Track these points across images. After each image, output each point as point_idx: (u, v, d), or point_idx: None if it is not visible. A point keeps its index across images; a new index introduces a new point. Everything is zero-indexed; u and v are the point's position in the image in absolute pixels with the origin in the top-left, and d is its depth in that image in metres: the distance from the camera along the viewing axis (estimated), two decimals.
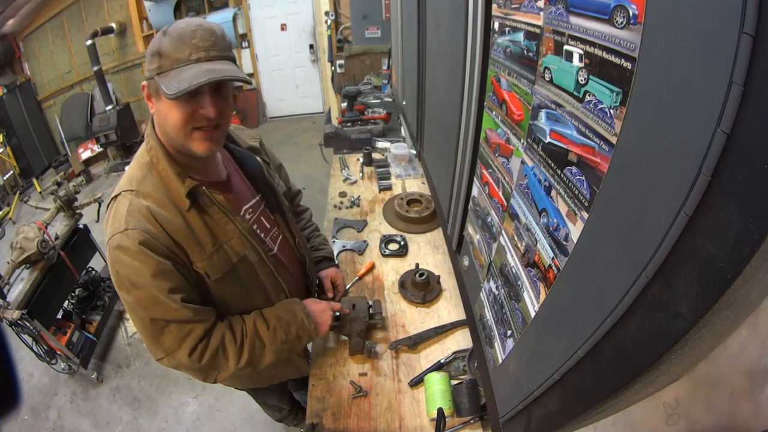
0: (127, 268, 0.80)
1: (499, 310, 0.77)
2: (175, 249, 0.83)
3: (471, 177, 0.94)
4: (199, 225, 0.87)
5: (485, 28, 0.75)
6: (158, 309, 0.82)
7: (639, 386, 0.40)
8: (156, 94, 0.80)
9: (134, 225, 0.79)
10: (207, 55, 0.77)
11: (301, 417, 1.55)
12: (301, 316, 1.01)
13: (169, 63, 0.76)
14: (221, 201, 0.90)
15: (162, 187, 0.85)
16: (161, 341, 0.85)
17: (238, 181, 1.04)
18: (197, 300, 0.88)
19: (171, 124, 0.81)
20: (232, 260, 0.91)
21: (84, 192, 4.53)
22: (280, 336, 0.96)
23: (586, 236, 0.47)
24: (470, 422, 0.98)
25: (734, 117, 0.27)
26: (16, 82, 5.49)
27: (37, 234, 2.17)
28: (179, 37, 0.77)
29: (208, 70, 0.76)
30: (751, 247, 0.27)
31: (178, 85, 0.74)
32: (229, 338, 0.90)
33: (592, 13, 0.41)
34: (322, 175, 3.99)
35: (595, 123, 0.42)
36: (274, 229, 1.09)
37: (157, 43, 0.78)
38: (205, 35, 0.78)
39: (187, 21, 0.80)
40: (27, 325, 2.09)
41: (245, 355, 0.92)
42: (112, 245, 0.81)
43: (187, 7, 5.44)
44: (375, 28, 3.56)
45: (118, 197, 0.85)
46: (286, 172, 1.32)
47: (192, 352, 0.86)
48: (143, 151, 0.89)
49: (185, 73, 0.75)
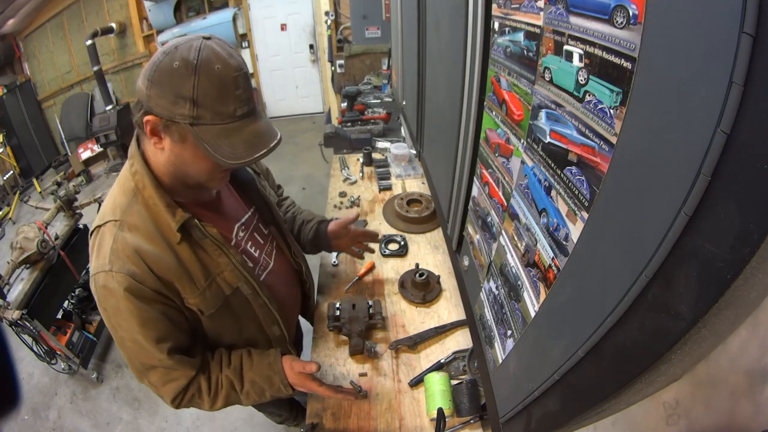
0: (113, 309, 0.77)
1: (499, 310, 0.77)
2: (164, 290, 0.78)
3: (471, 177, 0.94)
4: (191, 259, 0.81)
5: (485, 28, 0.75)
6: (144, 354, 0.81)
7: (639, 386, 0.40)
8: (179, 139, 0.72)
9: (119, 267, 0.74)
10: (248, 108, 0.72)
11: (301, 417, 1.55)
12: (277, 385, 0.94)
13: (209, 116, 0.68)
14: (215, 234, 0.84)
15: (149, 217, 0.78)
16: (147, 376, 0.85)
17: (228, 196, 0.99)
18: (185, 345, 0.86)
19: (197, 172, 0.77)
20: (225, 293, 0.87)
21: (84, 192, 4.54)
22: (252, 398, 0.94)
23: (586, 236, 0.47)
24: (470, 422, 0.98)
25: (734, 117, 0.27)
26: (16, 82, 5.50)
27: (37, 234, 2.17)
28: (221, 86, 0.67)
29: (258, 133, 0.73)
30: (751, 247, 0.27)
31: (235, 154, 0.70)
32: (205, 388, 0.89)
33: (592, 13, 0.41)
34: (322, 175, 4.00)
35: (595, 123, 0.42)
36: (268, 244, 1.05)
37: (186, 84, 0.66)
38: (246, 83, 0.71)
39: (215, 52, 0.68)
40: (27, 325, 2.09)
41: (219, 404, 0.92)
42: (97, 282, 0.76)
43: (187, 7, 5.43)
44: (375, 28, 3.56)
45: (102, 228, 0.78)
46: (272, 176, 1.29)
47: (174, 399, 0.87)
48: (127, 174, 0.81)
49: (236, 136, 0.70)
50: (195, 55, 0.66)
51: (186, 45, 0.68)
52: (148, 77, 0.68)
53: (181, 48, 0.68)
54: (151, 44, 5.44)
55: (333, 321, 1.21)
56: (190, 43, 0.69)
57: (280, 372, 0.94)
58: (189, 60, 0.66)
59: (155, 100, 0.69)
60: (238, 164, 0.71)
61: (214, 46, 0.69)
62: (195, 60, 0.66)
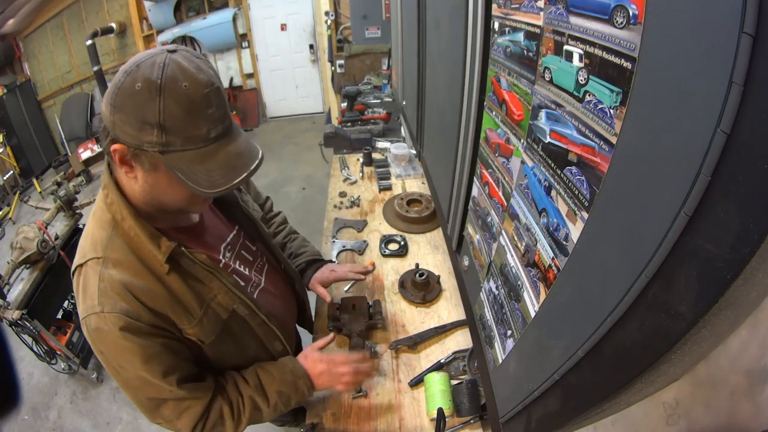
0: (111, 352, 0.72)
1: (499, 310, 0.77)
2: (160, 323, 0.74)
3: (471, 177, 0.94)
4: (182, 288, 0.76)
5: (485, 28, 0.75)
6: (152, 390, 0.76)
7: (639, 386, 0.40)
8: (150, 168, 0.66)
9: (110, 308, 0.69)
10: (224, 128, 0.66)
11: (302, 418, 1.55)
12: (302, 389, 0.93)
13: (180, 142, 0.62)
14: (204, 260, 0.79)
15: (132, 250, 0.73)
16: (159, 413, 0.80)
17: (211, 216, 0.94)
18: (193, 373, 0.82)
19: (174, 200, 0.72)
20: (222, 317, 0.83)
21: (84, 192, 4.53)
22: (279, 409, 0.91)
23: (586, 236, 0.47)
24: (470, 422, 0.98)
25: (734, 117, 0.27)
26: (16, 82, 5.50)
27: (37, 234, 2.17)
28: (190, 106, 0.61)
29: (236, 155, 0.67)
30: (751, 247, 0.27)
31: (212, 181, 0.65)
32: (227, 413, 0.85)
33: (592, 13, 0.41)
34: (322, 175, 3.99)
35: (595, 123, 0.42)
36: (257, 260, 1.02)
37: (151, 108, 0.59)
38: (219, 100, 0.64)
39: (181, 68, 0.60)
40: (27, 325, 2.09)
41: (242, 427, 0.88)
42: (89, 326, 0.71)
43: (187, 7, 5.44)
44: (375, 28, 3.56)
45: (83, 267, 0.73)
46: (255, 187, 1.25)
47: (194, 428, 0.82)
48: (102, 206, 0.75)
49: (211, 161, 0.65)
50: (158, 73, 0.59)
51: (148, 62, 0.61)
52: (111, 102, 0.62)
53: (143, 66, 0.60)
54: (151, 44, 5.44)
55: (333, 321, 1.21)
56: (153, 59, 0.61)
57: (304, 375, 0.94)
58: (152, 80, 0.59)
59: (120, 127, 0.62)
60: (217, 192, 0.66)
61: (180, 60, 0.62)
62: (159, 79, 0.59)
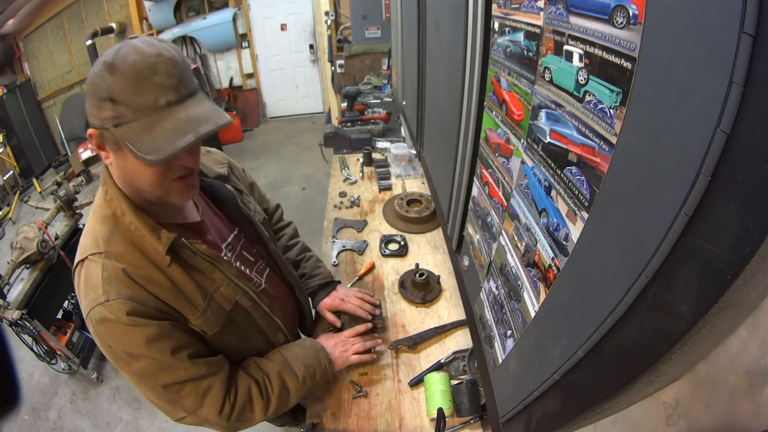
0: (119, 342, 0.72)
1: (499, 310, 0.77)
2: (166, 309, 0.75)
3: (471, 177, 0.94)
4: (185, 280, 0.77)
5: (485, 28, 0.75)
6: (167, 374, 0.75)
7: (639, 386, 0.40)
8: (116, 148, 0.67)
9: (116, 294, 0.69)
10: (177, 96, 0.64)
11: (302, 418, 1.55)
12: (324, 363, 0.98)
13: (130, 113, 0.62)
14: (204, 251, 0.80)
15: (133, 244, 0.74)
16: (180, 403, 0.79)
17: (212, 216, 0.94)
18: (205, 352, 0.82)
19: (145, 182, 0.71)
20: (226, 309, 0.84)
21: (84, 192, 4.53)
22: (308, 384, 0.93)
23: (586, 236, 0.47)
24: (470, 422, 0.98)
25: (734, 117, 0.27)
26: (16, 82, 5.49)
27: (37, 234, 2.17)
28: (135, 76, 0.61)
29: (187, 120, 0.64)
30: (751, 247, 0.27)
31: (156, 146, 0.62)
32: (255, 392, 0.86)
33: (592, 13, 0.41)
34: (322, 175, 3.99)
35: (595, 123, 0.42)
36: (258, 262, 1.02)
37: (104, 85, 0.61)
38: (169, 68, 0.63)
39: (134, 46, 0.63)
40: (27, 325, 2.09)
41: (272, 408, 0.88)
42: (94, 320, 0.71)
43: (187, 7, 5.44)
44: (375, 28, 3.56)
45: (84, 262, 0.73)
46: (260, 191, 1.24)
47: (221, 410, 0.81)
48: (102, 202, 0.76)
49: (158, 126, 0.63)
50: (112, 54, 0.63)
51: (110, 50, 0.65)
52: (86, 91, 0.66)
53: (105, 54, 0.64)
54: None
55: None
56: (114, 46, 0.65)
57: (322, 348, 1.01)
58: (107, 61, 0.62)
59: (89, 111, 0.65)
60: (161, 159, 0.62)
61: (137, 42, 0.64)
62: (111, 59, 0.62)
